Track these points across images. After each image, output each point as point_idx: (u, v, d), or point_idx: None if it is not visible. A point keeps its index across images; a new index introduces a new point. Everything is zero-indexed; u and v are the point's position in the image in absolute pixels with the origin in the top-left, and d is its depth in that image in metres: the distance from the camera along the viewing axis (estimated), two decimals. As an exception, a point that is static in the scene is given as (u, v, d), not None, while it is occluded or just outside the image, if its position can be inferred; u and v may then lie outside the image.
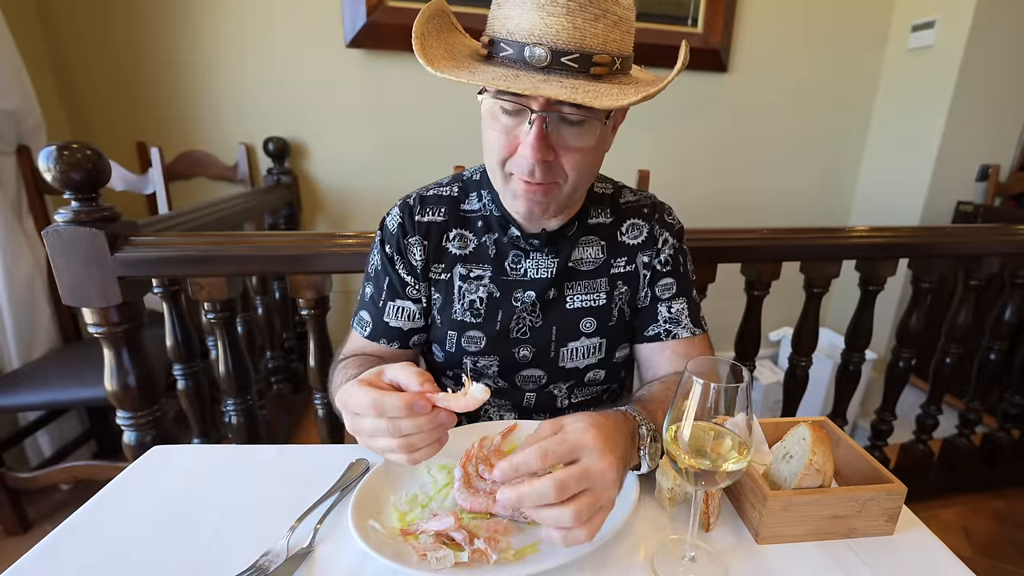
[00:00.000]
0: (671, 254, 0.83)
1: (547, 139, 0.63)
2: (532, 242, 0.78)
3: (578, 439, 0.50)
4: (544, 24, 0.57)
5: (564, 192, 0.69)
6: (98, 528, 0.61)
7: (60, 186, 0.96)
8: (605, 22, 0.58)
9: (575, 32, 0.57)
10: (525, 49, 0.58)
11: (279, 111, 1.98)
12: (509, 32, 0.60)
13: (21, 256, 1.59)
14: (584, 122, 0.63)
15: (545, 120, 0.61)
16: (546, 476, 0.47)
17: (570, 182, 0.68)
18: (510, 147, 0.65)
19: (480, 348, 0.82)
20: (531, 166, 0.64)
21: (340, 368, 0.78)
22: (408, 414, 0.51)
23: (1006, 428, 1.78)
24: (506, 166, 0.67)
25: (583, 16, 0.57)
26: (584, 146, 0.65)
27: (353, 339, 0.84)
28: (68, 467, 1.54)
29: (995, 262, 1.43)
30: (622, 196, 0.85)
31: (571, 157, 0.65)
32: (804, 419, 0.69)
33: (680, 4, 2.06)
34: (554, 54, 0.58)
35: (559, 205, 0.71)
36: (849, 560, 0.57)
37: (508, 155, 0.66)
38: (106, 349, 1.08)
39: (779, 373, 2.36)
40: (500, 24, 0.61)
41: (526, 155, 0.63)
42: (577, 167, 0.66)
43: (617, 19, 0.60)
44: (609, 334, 0.83)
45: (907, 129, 2.28)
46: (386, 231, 0.81)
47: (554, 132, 0.63)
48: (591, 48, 0.58)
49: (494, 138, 0.66)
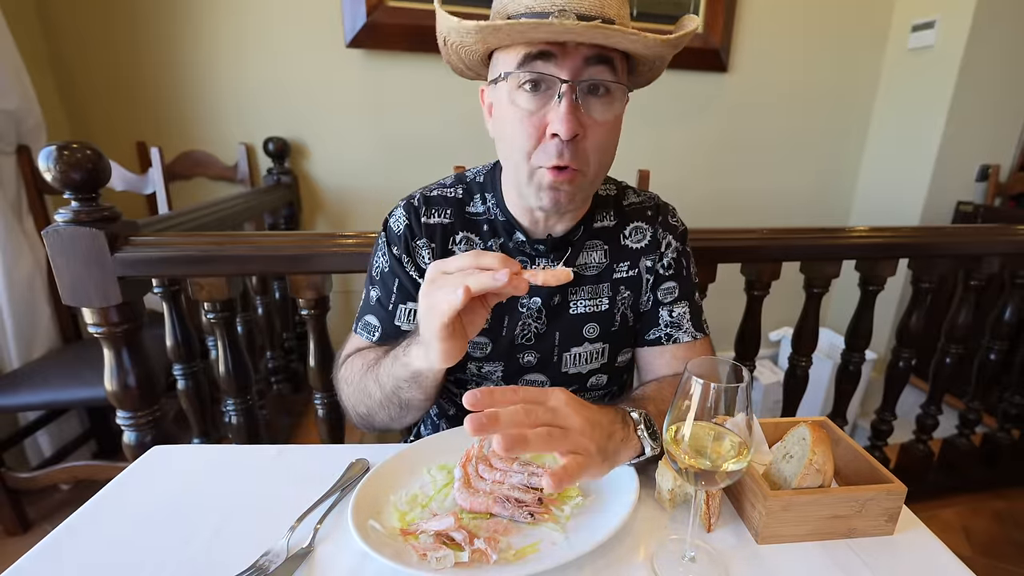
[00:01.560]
0: (674, 257, 0.82)
1: (578, 111, 0.62)
2: (538, 247, 0.77)
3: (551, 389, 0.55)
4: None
5: (587, 180, 0.68)
6: (98, 528, 0.61)
7: (60, 186, 0.96)
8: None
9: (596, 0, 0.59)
10: (550, 17, 0.58)
11: (279, 111, 1.98)
12: (528, 6, 0.60)
13: (21, 256, 1.59)
14: (612, 91, 0.64)
15: (575, 91, 0.61)
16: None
17: (592, 168, 0.67)
18: (537, 133, 0.64)
19: (485, 354, 0.81)
20: (560, 148, 0.63)
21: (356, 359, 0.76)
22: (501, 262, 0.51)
23: (1006, 428, 1.78)
24: (533, 158, 0.65)
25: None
26: (610, 118, 0.65)
27: (356, 345, 0.81)
28: (68, 467, 1.54)
29: (995, 262, 1.43)
30: (626, 198, 0.84)
31: (596, 136, 0.65)
32: (804, 419, 0.69)
33: (680, 4, 2.06)
34: (581, 19, 0.58)
35: (583, 196, 0.71)
36: (849, 560, 0.57)
37: (535, 144, 0.64)
38: (106, 349, 1.08)
39: (779, 373, 2.36)
40: (513, 3, 0.61)
41: (559, 129, 0.61)
42: (600, 147, 0.66)
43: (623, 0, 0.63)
44: (612, 339, 0.83)
45: (907, 129, 2.28)
46: (391, 233, 0.79)
47: (583, 105, 0.63)
48: (611, 15, 0.60)
49: (517, 128, 0.64)
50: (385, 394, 0.69)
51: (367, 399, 0.72)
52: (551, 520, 0.59)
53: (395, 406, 0.70)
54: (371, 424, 0.76)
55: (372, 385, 0.70)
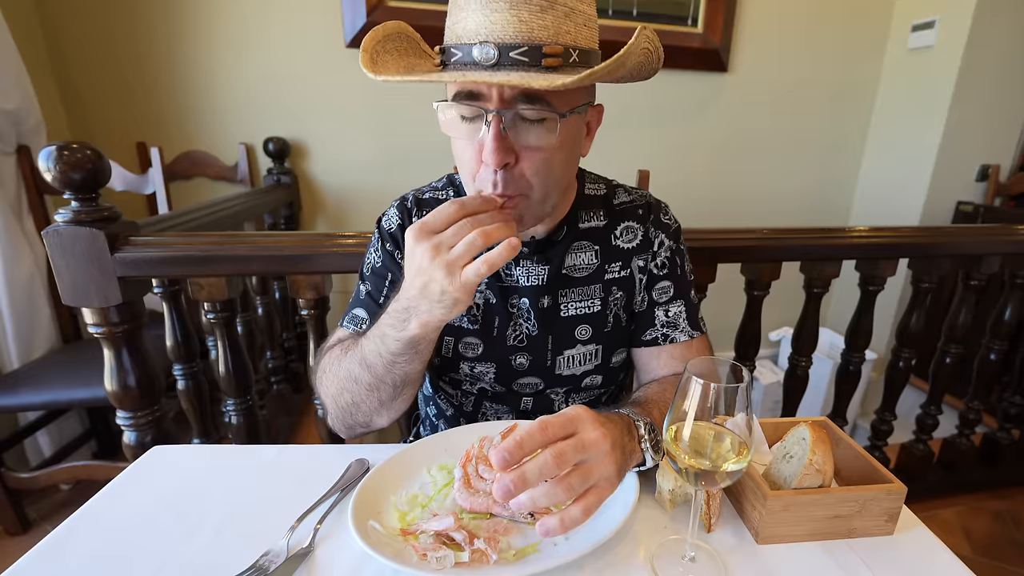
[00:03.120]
0: (668, 256, 0.82)
1: (506, 140, 0.60)
2: (521, 249, 0.77)
3: (574, 413, 0.53)
4: (489, 21, 0.56)
5: (534, 201, 0.66)
6: (98, 528, 0.61)
7: (60, 186, 0.96)
8: (554, 13, 0.56)
9: (521, 25, 0.55)
10: (473, 49, 0.56)
11: (279, 111, 1.98)
12: (457, 36, 0.58)
13: (21, 256, 1.59)
14: (544, 120, 0.60)
15: (502, 120, 0.59)
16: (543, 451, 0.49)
17: (536, 190, 0.65)
18: (476, 158, 0.63)
19: (477, 354, 0.81)
20: (493, 176, 0.61)
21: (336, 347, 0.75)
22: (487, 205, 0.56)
23: (1006, 428, 1.78)
24: (476, 181, 0.65)
25: (528, 8, 0.55)
26: (545, 145, 0.62)
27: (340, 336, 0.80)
28: (68, 467, 1.54)
29: (995, 262, 1.43)
30: (616, 196, 0.83)
31: (532, 161, 0.62)
32: (804, 419, 0.69)
33: (680, 4, 2.06)
34: (501, 49, 0.55)
35: (534, 216, 0.69)
36: (849, 560, 0.57)
37: (476, 168, 0.64)
38: (106, 349, 1.08)
39: (779, 373, 2.36)
40: (450, 32, 0.60)
41: (486, 159, 0.60)
42: (539, 172, 0.63)
43: (568, 10, 0.57)
44: (605, 340, 0.82)
45: (907, 129, 2.28)
46: (383, 231, 0.80)
47: (512, 132, 0.61)
48: (540, 40, 0.56)
49: (460, 153, 0.65)
50: (376, 376, 0.67)
51: (353, 384, 0.69)
52: (551, 520, 0.59)
53: (388, 386, 0.68)
54: (353, 418, 0.73)
55: (358, 369, 0.68)
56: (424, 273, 0.55)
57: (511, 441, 0.48)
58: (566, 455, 0.49)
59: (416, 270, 0.56)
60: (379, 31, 0.64)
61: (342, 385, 0.70)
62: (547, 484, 0.49)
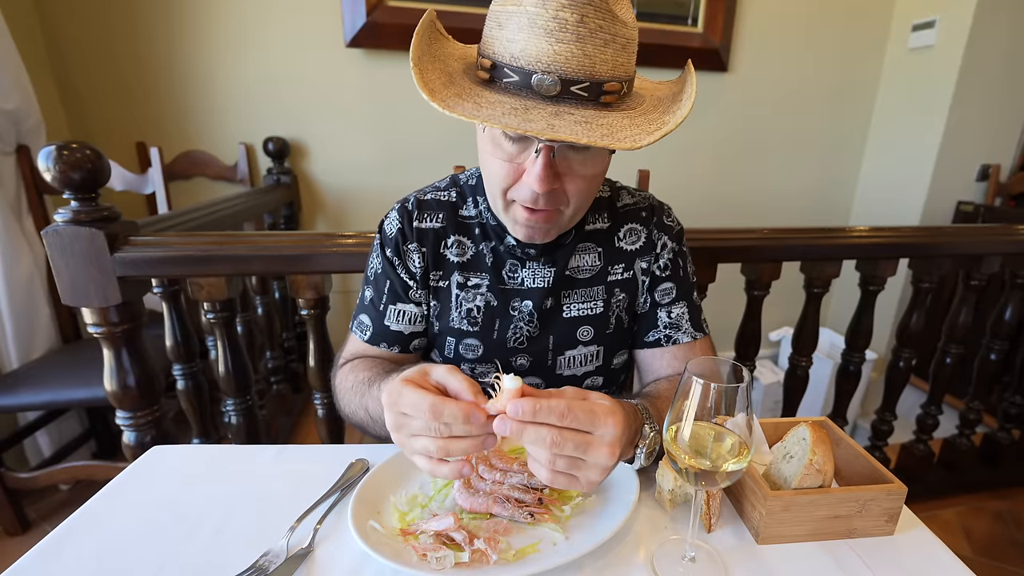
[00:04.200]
0: (670, 258, 0.82)
1: (554, 167, 0.61)
2: (528, 251, 0.78)
3: (604, 417, 0.51)
4: (553, 51, 0.54)
5: (565, 217, 0.69)
6: (98, 528, 0.61)
7: (60, 186, 0.96)
8: (615, 47, 0.56)
9: (585, 60, 0.54)
10: (533, 77, 0.55)
11: (279, 111, 1.98)
12: (513, 56, 0.56)
13: (21, 256, 1.59)
14: (591, 149, 0.62)
15: (552, 149, 0.60)
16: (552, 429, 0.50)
17: (572, 207, 0.67)
18: (514, 175, 0.64)
19: (477, 356, 0.81)
20: (535, 195, 0.63)
21: (348, 370, 0.78)
22: (464, 422, 0.50)
23: (1006, 428, 1.77)
24: (508, 194, 0.66)
25: (593, 43, 0.54)
26: (590, 173, 0.64)
27: (353, 343, 0.83)
28: (68, 467, 1.54)
29: (995, 262, 1.43)
30: (620, 199, 0.83)
31: (575, 184, 0.64)
32: (804, 419, 0.69)
33: (680, 4, 2.06)
34: (564, 83, 0.55)
35: (560, 229, 0.71)
36: (849, 560, 0.57)
37: (511, 183, 0.65)
38: (106, 349, 1.07)
39: (779, 373, 2.36)
40: (503, 47, 0.57)
41: (532, 185, 0.61)
42: (580, 193, 0.66)
43: (625, 42, 0.57)
44: (607, 342, 0.82)
45: (907, 129, 2.28)
46: (384, 235, 0.81)
47: (561, 160, 0.62)
48: (601, 76, 0.56)
49: (496, 166, 0.65)
50: (377, 423, 0.70)
51: (358, 418, 0.75)
52: (551, 520, 0.59)
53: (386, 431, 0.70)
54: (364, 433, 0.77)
55: (362, 413, 0.72)
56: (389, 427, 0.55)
57: (531, 403, 0.49)
58: (563, 446, 0.50)
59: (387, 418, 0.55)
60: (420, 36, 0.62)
61: (352, 410, 0.75)
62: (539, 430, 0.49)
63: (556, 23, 0.53)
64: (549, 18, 0.53)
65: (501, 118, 0.55)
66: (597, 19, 0.54)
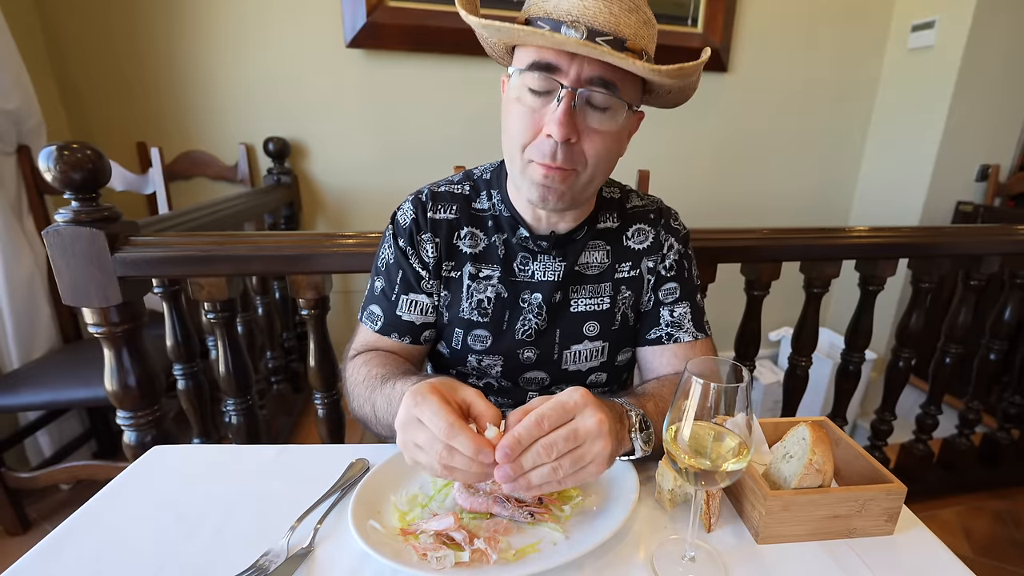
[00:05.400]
0: (676, 259, 0.84)
1: (573, 117, 0.63)
2: (540, 244, 0.78)
3: (572, 401, 0.54)
4: (583, 5, 0.60)
5: (581, 181, 0.69)
6: (98, 528, 0.61)
7: (60, 186, 0.96)
8: (638, 16, 0.62)
9: (611, 17, 0.60)
10: (562, 27, 0.60)
11: (279, 111, 1.98)
12: (547, 12, 0.62)
13: (21, 256, 1.59)
14: (610, 108, 0.65)
15: (574, 97, 0.62)
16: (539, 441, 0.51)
17: (588, 169, 0.68)
18: (534, 129, 0.65)
19: (485, 347, 0.82)
20: (553, 147, 0.64)
21: (361, 363, 0.77)
22: (472, 457, 0.51)
23: (1006, 428, 1.78)
24: (526, 151, 0.67)
25: (619, 5, 0.61)
26: (607, 130, 0.66)
27: (363, 333, 0.83)
28: (68, 467, 1.54)
29: (995, 262, 1.43)
30: (629, 201, 0.85)
31: (593, 142, 0.66)
32: (804, 419, 0.69)
33: (680, 4, 2.07)
34: (590, 33, 0.60)
35: (574, 195, 0.71)
36: (849, 560, 0.57)
37: (530, 139, 0.66)
38: (106, 349, 1.08)
39: (779, 373, 2.36)
40: (537, 7, 0.63)
41: (553, 131, 0.63)
42: (597, 153, 0.67)
43: (647, 19, 0.64)
44: (612, 338, 0.83)
45: (907, 129, 2.28)
46: (398, 225, 0.81)
47: (580, 112, 0.64)
48: (624, 34, 0.61)
49: (517, 121, 0.67)
50: (383, 423, 0.70)
51: (363, 412, 0.75)
52: (551, 520, 0.59)
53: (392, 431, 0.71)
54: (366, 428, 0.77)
55: (368, 408, 0.73)
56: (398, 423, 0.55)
57: (511, 438, 0.50)
58: (556, 446, 0.51)
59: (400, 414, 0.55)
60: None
61: (359, 404, 0.75)
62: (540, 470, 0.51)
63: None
64: None
65: (531, 36, 0.60)
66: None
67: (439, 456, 0.52)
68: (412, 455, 0.55)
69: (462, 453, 0.51)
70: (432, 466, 0.53)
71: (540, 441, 0.51)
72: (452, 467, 0.52)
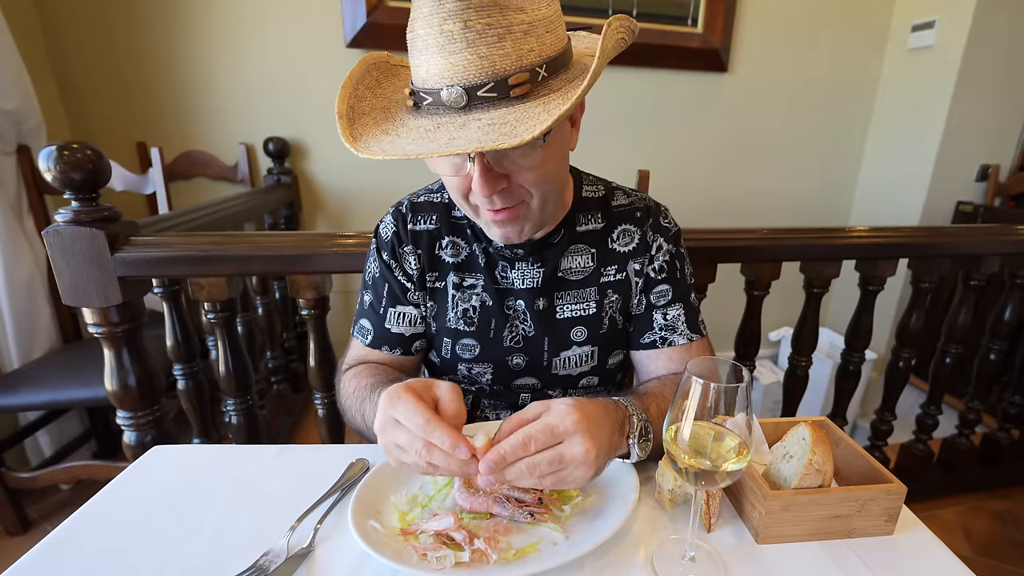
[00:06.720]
0: (666, 260, 0.81)
1: (493, 172, 0.61)
2: (516, 251, 0.78)
3: (559, 422, 0.53)
4: (450, 64, 0.54)
5: (534, 207, 0.68)
6: (98, 528, 0.61)
7: (60, 186, 0.96)
8: (512, 38, 0.54)
9: (482, 62, 0.54)
10: (442, 93, 0.56)
11: (279, 111, 1.98)
12: (423, 80, 0.57)
13: (21, 256, 1.59)
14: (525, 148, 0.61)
15: (484, 155, 0.60)
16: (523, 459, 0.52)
17: (536, 197, 0.67)
18: (466, 185, 0.64)
19: (474, 356, 0.81)
20: (488, 201, 0.64)
21: (351, 376, 0.78)
22: (449, 451, 0.51)
23: (1006, 428, 1.78)
24: (470, 199, 0.66)
25: (486, 43, 0.53)
26: (531, 165, 0.63)
27: (355, 347, 0.84)
28: (68, 467, 1.54)
29: (995, 262, 1.43)
30: (614, 199, 0.82)
31: (526, 176, 0.64)
32: (804, 419, 0.69)
33: (680, 4, 2.06)
34: (469, 91, 0.55)
35: (534, 222, 0.71)
36: (849, 560, 0.57)
37: (467, 192, 0.65)
38: (106, 349, 1.08)
39: (779, 373, 2.36)
40: (415, 73, 0.59)
41: (477, 196, 0.63)
42: (537, 182, 0.65)
43: (526, 28, 0.55)
44: (601, 342, 0.82)
45: (907, 129, 2.28)
46: (380, 239, 0.81)
47: (497, 161, 0.62)
48: (504, 71, 0.55)
49: (450, 181, 0.66)
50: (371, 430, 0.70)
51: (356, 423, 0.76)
52: (551, 520, 0.59)
53: None
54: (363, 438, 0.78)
55: (359, 419, 0.73)
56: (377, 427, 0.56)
57: (496, 453, 0.51)
58: (539, 467, 0.52)
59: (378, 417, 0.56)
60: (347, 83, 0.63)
61: (352, 416, 0.76)
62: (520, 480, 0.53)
63: (444, 37, 0.54)
64: (436, 34, 0.54)
65: (406, 146, 0.56)
66: (482, 19, 0.53)
67: (419, 453, 0.52)
68: (396, 456, 0.55)
69: (439, 448, 0.51)
70: (417, 464, 0.53)
71: (524, 460, 0.52)
72: (433, 463, 0.52)
